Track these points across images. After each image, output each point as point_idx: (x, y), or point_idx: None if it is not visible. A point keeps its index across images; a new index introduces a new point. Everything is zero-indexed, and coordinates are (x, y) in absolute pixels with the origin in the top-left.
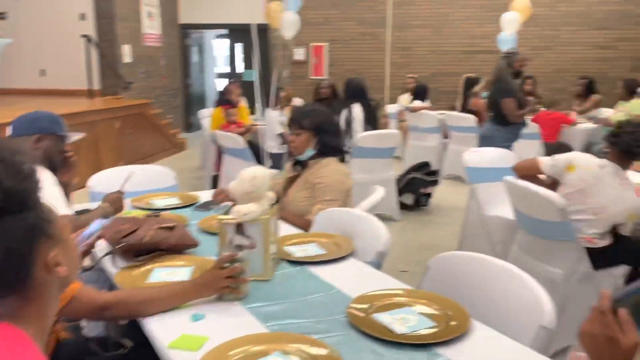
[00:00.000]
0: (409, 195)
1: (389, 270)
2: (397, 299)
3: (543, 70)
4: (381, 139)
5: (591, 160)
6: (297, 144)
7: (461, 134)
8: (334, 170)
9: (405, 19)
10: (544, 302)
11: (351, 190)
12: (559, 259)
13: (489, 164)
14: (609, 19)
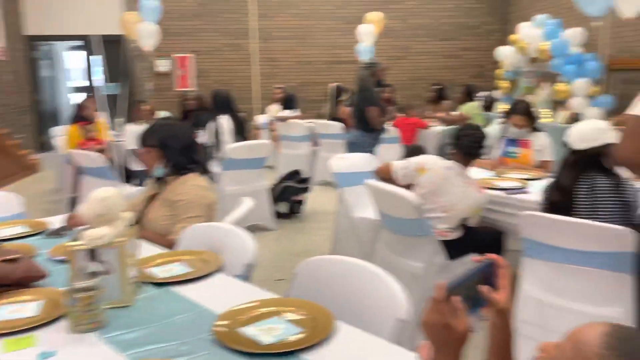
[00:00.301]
0: (283, 204)
1: (266, 280)
2: (264, 310)
3: (399, 79)
4: (251, 149)
5: (438, 163)
6: (145, 161)
7: (330, 141)
8: (194, 185)
9: (270, 30)
10: (398, 296)
11: (215, 204)
12: (419, 253)
13: (354, 168)
14: (453, 31)
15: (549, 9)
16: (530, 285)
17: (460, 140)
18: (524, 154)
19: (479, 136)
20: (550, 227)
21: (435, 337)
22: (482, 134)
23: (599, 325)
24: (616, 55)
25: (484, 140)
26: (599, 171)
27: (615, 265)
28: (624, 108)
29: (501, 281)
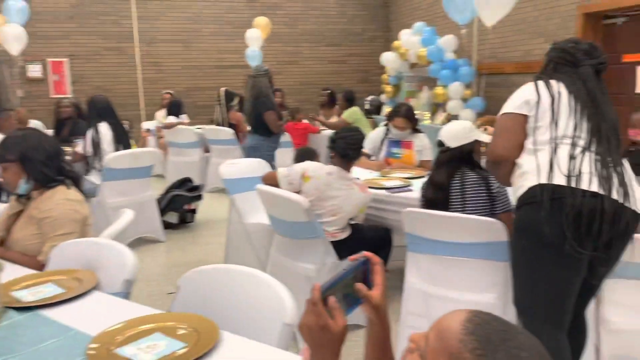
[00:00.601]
0: (172, 214)
1: (157, 295)
2: (144, 327)
3: (289, 84)
4: (135, 158)
5: (321, 169)
6: (6, 179)
7: (221, 147)
8: (62, 200)
9: (153, 33)
10: (285, 301)
11: (89, 219)
12: (310, 255)
13: (245, 174)
14: (339, 37)
15: (426, 17)
16: (414, 277)
17: (336, 144)
18: (406, 155)
19: (355, 138)
20: (428, 222)
21: (312, 339)
22: (357, 136)
23: (459, 312)
24: (483, 60)
25: (359, 142)
26: (469, 167)
27: (488, 254)
28: (491, 109)
29: (375, 278)
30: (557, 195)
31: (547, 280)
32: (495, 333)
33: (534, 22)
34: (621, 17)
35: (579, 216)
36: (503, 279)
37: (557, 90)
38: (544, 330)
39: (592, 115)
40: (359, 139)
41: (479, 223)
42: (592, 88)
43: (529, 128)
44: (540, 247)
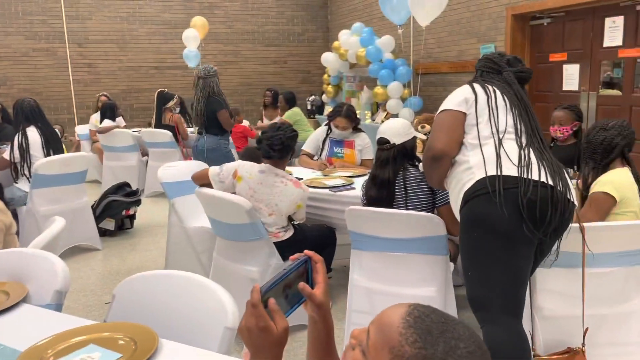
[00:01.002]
0: (109, 221)
1: (95, 305)
2: (76, 339)
3: (230, 84)
4: (66, 163)
5: (252, 168)
6: None
7: (159, 149)
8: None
9: (85, 34)
10: (226, 304)
11: (12, 228)
12: (254, 257)
13: (184, 177)
14: (279, 37)
15: (364, 18)
16: (358, 275)
17: (261, 145)
18: (348, 154)
19: (278, 138)
20: (370, 220)
21: (253, 341)
22: (280, 135)
23: (399, 307)
24: (420, 60)
25: (283, 141)
26: (410, 163)
27: (428, 248)
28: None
29: (317, 276)
30: (509, 185)
31: (502, 269)
32: (434, 325)
33: (467, 23)
34: (547, 19)
35: (533, 204)
36: (442, 272)
37: (491, 89)
38: (502, 322)
39: (523, 114)
40: (282, 138)
41: (418, 218)
42: (518, 90)
43: (468, 125)
44: (494, 237)
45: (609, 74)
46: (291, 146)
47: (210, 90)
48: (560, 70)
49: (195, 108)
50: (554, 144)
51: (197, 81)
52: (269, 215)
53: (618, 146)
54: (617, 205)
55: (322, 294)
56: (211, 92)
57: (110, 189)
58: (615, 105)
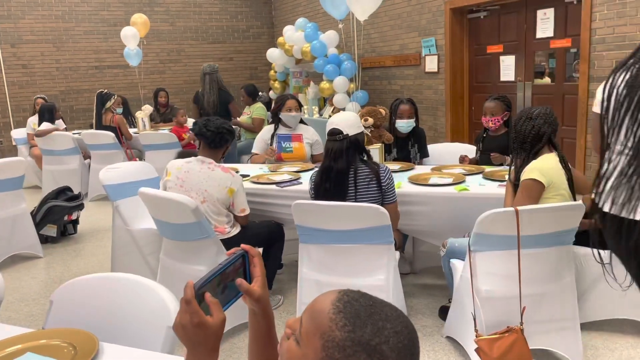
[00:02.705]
0: (51, 227)
1: (37, 314)
2: (12, 348)
3: (175, 82)
4: (2, 169)
5: (180, 162)
6: None
7: (102, 151)
8: None
9: (18, 33)
10: (168, 303)
11: None
12: (202, 257)
13: (127, 178)
14: (223, 34)
15: (307, 14)
16: (306, 268)
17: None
18: (297, 147)
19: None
20: (317, 213)
21: (188, 338)
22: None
23: (330, 293)
24: (364, 54)
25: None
26: (361, 159)
27: (373, 238)
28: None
29: (254, 270)
30: None
31: None
32: (362, 309)
33: (407, 18)
34: (483, 12)
35: None
36: (389, 261)
37: None
38: None
39: None
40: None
41: (364, 210)
42: None
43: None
44: None
45: (544, 64)
46: (225, 137)
47: (220, 84)
48: (498, 62)
49: (207, 100)
50: (486, 135)
51: (204, 77)
52: (201, 202)
53: (545, 134)
54: (546, 189)
55: (260, 287)
56: (221, 86)
57: (50, 194)
58: (548, 94)
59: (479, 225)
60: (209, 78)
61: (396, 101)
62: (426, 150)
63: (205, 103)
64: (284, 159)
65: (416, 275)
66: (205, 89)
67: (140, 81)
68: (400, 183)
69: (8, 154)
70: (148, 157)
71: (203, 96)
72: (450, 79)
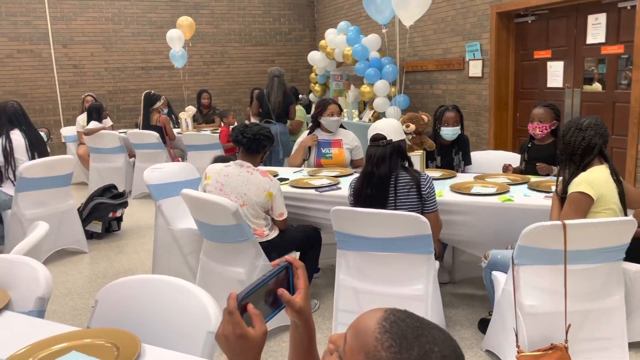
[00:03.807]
0: (96, 223)
1: (82, 309)
2: (58, 347)
3: (217, 84)
4: (51, 167)
5: (219, 165)
6: None
7: (147, 151)
8: None
9: (70, 34)
10: (209, 308)
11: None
12: (240, 259)
13: (170, 179)
14: (265, 37)
15: (350, 17)
16: (344, 275)
17: (234, 131)
18: (337, 154)
19: (251, 128)
20: (356, 220)
21: (230, 348)
22: (255, 128)
23: (375, 312)
24: (406, 58)
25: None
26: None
27: (413, 247)
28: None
29: (298, 282)
30: None
31: None
32: (409, 330)
33: (452, 22)
34: (531, 16)
35: None
36: (428, 271)
37: None
38: None
39: None
40: (255, 130)
41: (404, 218)
42: None
43: None
44: None
45: (593, 69)
46: (262, 142)
47: (286, 87)
48: (545, 68)
49: (274, 101)
50: (531, 144)
51: (273, 79)
52: (241, 206)
53: (596, 146)
54: (595, 203)
55: (302, 299)
56: (287, 88)
57: (96, 191)
58: (598, 102)
59: (524, 238)
60: (277, 80)
61: (441, 108)
62: (469, 157)
63: (271, 102)
64: (323, 165)
65: (455, 285)
66: (273, 90)
67: (184, 82)
68: (441, 191)
69: (57, 151)
70: (190, 157)
71: (269, 96)
72: (494, 85)
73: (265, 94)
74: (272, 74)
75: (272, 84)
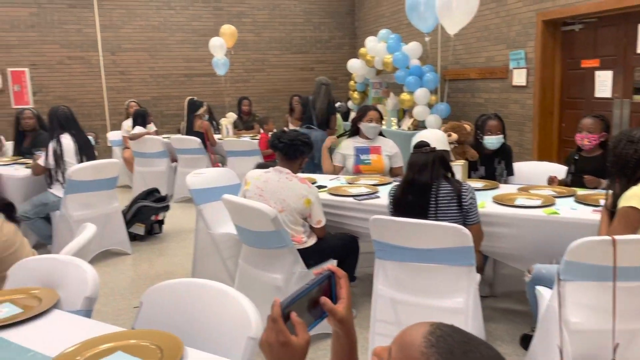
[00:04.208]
0: (139, 226)
1: (125, 309)
2: (104, 346)
3: (257, 91)
4: (98, 170)
5: (259, 172)
6: None
7: (188, 156)
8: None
9: (117, 42)
10: (250, 314)
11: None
12: (278, 265)
13: (211, 184)
14: (305, 44)
15: (390, 25)
16: (382, 285)
17: (272, 137)
18: (376, 160)
19: (289, 134)
20: (395, 229)
21: (274, 356)
22: (293, 134)
23: (421, 325)
24: (448, 66)
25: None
26: (444, 176)
27: (454, 259)
28: (456, 114)
29: (340, 291)
30: None
31: None
32: (456, 345)
33: (495, 29)
34: (579, 24)
35: None
36: (469, 283)
37: None
38: None
39: None
40: (292, 136)
41: (445, 229)
42: None
43: None
44: None
45: None
46: (299, 148)
47: (331, 97)
48: (592, 77)
49: (320, 108)
50: (578, 156)
51: (321, 86)
52: (279, 212)
53: None
54: None
55: (344, 309)
56: (330, 98)
57: (140, 195)
58: None
59: (571, 252)
60: (325, 89)
61: (483, 117)
62: (512, 168)
63: (316, 109)
64: (362, 172)
65: (496, 299)
66: (319, 97)
67: (225, 89)
68: (483, 203)
69: (103, 154)
70: (230, 163)
71: (315, 102)
72: (539, 94)
73: (310, 100)
74: (320, 82)
75: (319, 91)
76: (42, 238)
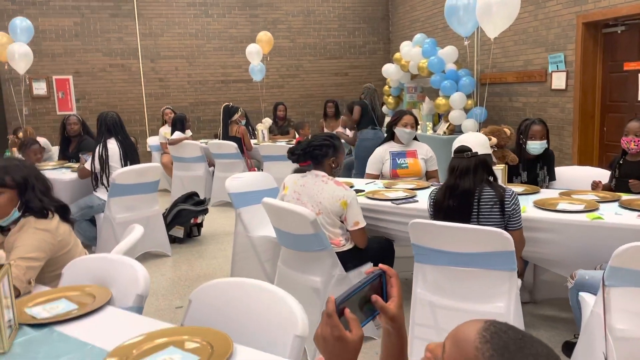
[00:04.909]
0: (178, 228)
1: (166, 309)
2: (158, 341)
3: (292, 96)
4: (140, 174)
5: (295, 176)
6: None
7: (225, 160)
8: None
9: (157, 50)
10: (297, 313)
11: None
12: (317, 268)
13: (250, 187)
14: (340, 50)
15: (426, 29)
16: (421, 289)
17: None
18: (412, 163)
19: (304, 143)
20: (435, 233)
21: (328, 349)
22: (305, 142)
23: (475, 322)
24: (485, 70)
25: (304, 146)
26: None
27: (494, 264)
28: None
29: (391, 290)
30: None
31: None
32: (511, 342)
33: (534, 32)
34: (621, 26)
35: None
36: (510, 289)
37: None
38: None
39: None
40: (304, 144)
41: (487, 233)
42: None
43: None
44: None
45: None
46: (314, 152)
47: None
48: (636, 80)
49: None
50: (623, 160)
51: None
52: (317, 214)
53: None
54: None
55: (395, 307)
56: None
57: (180, 198)
58: None
59: (617, 258)
60: (377, 95)
61: (526, 121)
62: (554, 173)
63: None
64: (399, 176)
65: (536, 305)
66: (375, 102)
67: (261, 95)
68: (525, 207)
69: (142, 159)
70: (266, 167)
71: (373, 108)
72: (580, 97)
73: (369, 104)
74: (372, 88)
75: (374, 97)
76: (86, 239)
